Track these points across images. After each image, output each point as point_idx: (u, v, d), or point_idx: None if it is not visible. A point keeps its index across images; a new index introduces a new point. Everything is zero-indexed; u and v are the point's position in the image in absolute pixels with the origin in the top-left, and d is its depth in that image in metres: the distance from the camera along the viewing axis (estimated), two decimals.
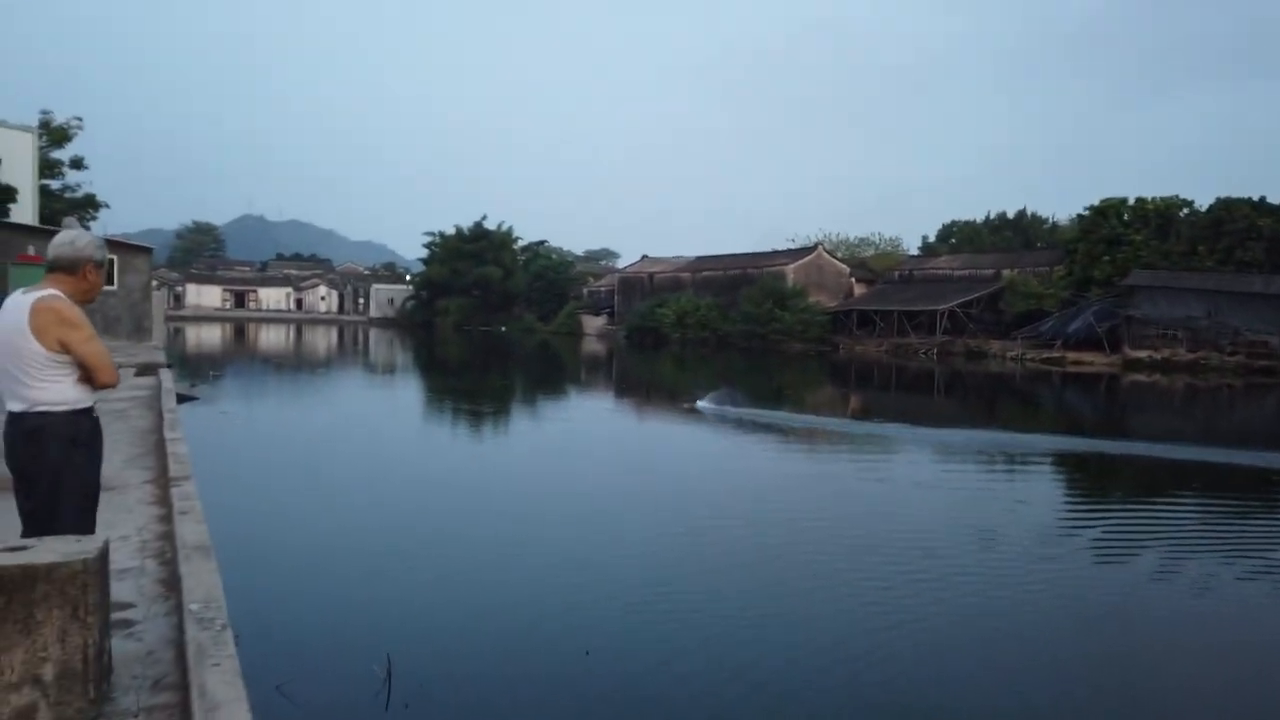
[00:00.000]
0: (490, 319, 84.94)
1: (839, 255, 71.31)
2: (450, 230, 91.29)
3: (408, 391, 31.58)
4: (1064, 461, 17.50)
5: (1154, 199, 50.70)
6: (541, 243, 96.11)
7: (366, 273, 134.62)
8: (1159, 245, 48.58)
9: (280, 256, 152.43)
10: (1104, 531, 11.56)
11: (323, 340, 63.72)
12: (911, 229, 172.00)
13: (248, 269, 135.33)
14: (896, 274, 67.22)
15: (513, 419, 23.44)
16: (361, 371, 39.44)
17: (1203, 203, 49.22)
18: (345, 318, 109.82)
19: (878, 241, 79.97)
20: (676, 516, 11.51)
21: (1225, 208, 46.60)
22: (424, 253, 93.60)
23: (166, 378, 15.50)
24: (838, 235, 79.83)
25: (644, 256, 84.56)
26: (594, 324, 79.16)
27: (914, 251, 79.69)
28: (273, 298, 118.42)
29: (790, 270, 64.32)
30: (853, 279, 67.33)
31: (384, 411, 24.17)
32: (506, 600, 7.92)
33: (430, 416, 23.67)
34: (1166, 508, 13.18)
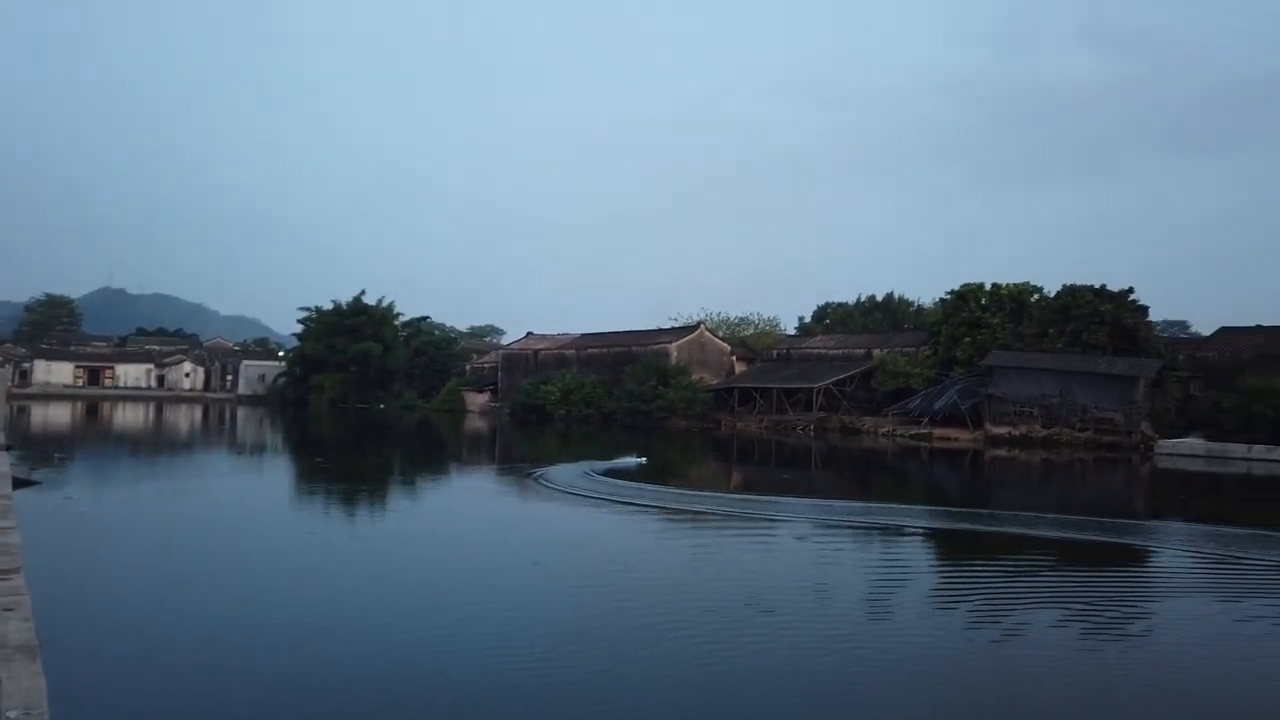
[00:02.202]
0: (368, 396, 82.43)
1: (720, 334, 73.09)
2: (328, 305, 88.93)
3: (274, 473, 30.03)
4: (923, 530, 18.12)
5: (1008, 285, 54.38)
6: (424, 318, 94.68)
7: (236, 348, 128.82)
8: (1014, 328, 51.93)
9: (142, 331, 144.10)
10: (944, 595, 11.96)
11: (185, 419, 60.21)
12: (788, 310, 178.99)
13: (104, 344, 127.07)
14: (775, 353, 69.31)
15: (384, 500, 22.55)
16: (225, 452, 37.36)
17: (1051, 289, 53.16)
18: (211, 395, 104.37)
19: (757, 321, 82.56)
20: (533, 592, 11.27)
21: (1071, 294, 50.38)
22: (299, 328, 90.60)
23: (3, 461, 14.21)
24: (719, 314, 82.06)
25: (529, 333, 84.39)
26: (477, 401, 77.92)
27: (791, 331, 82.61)
28: (132, 374, 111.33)
29: (673, 348, 65.40)
30: (733, 357, 68.98)
31: (245, 495, 22.84)
32: (357, 693, 7.47)
33: (296, 500, 22.51)
34: (1000, 570, 13.85)
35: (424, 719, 7.33)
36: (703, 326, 70.27)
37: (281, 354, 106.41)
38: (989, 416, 48.69)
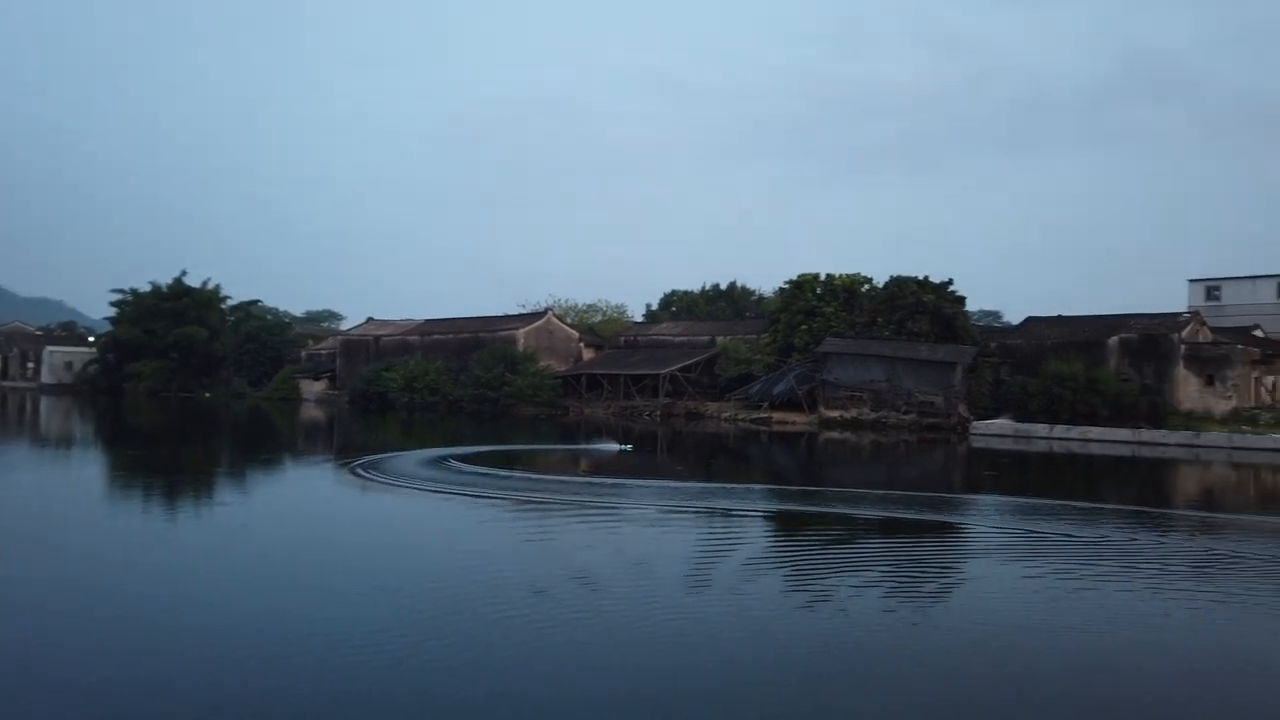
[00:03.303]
0: (192, 384, 77.14)
1: (568, 321, 72.99)
2: (146, 287, 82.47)
3: (81, 468, 27.54)
4: (757, 507, 18.79)
5: (841, 276, 57.06)
6: (254, 302, 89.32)
7: (39, 333, 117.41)
8: (846, 316, 54.60)
9: None
10: (764, 566, 12.48)
11: None
12: (636, 297, 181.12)
13: None
14: (623, 340, 69.93)
15: (198, 497, 21.13)
16: (26, 446, 33.96)
17: (881, 280, 56.18)
18: (10, 384, 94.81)
19: (605, 308, 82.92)
20: (353, 582, 10.87)
21: (897, 285, 53.46)
22: (113, 311, 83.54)
23: None
24: (567, 301, 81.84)
25: (369, 319, 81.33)
26: (313, 389, 74.42)
27: (638, 318, 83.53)
28: None
29: (521, 335, 64.76)
30: (582, 344, 69.06)
31: (42, 494, 20.81)
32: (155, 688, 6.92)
33: (103, 496, 20.73)
34: (820, 541, 14.59)
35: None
36: (551, 313, 69.94)
37: (92, 339, 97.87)
38: (823, 401, 51.04)
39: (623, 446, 30.42)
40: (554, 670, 8.08)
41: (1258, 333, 53.41)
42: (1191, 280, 61.17)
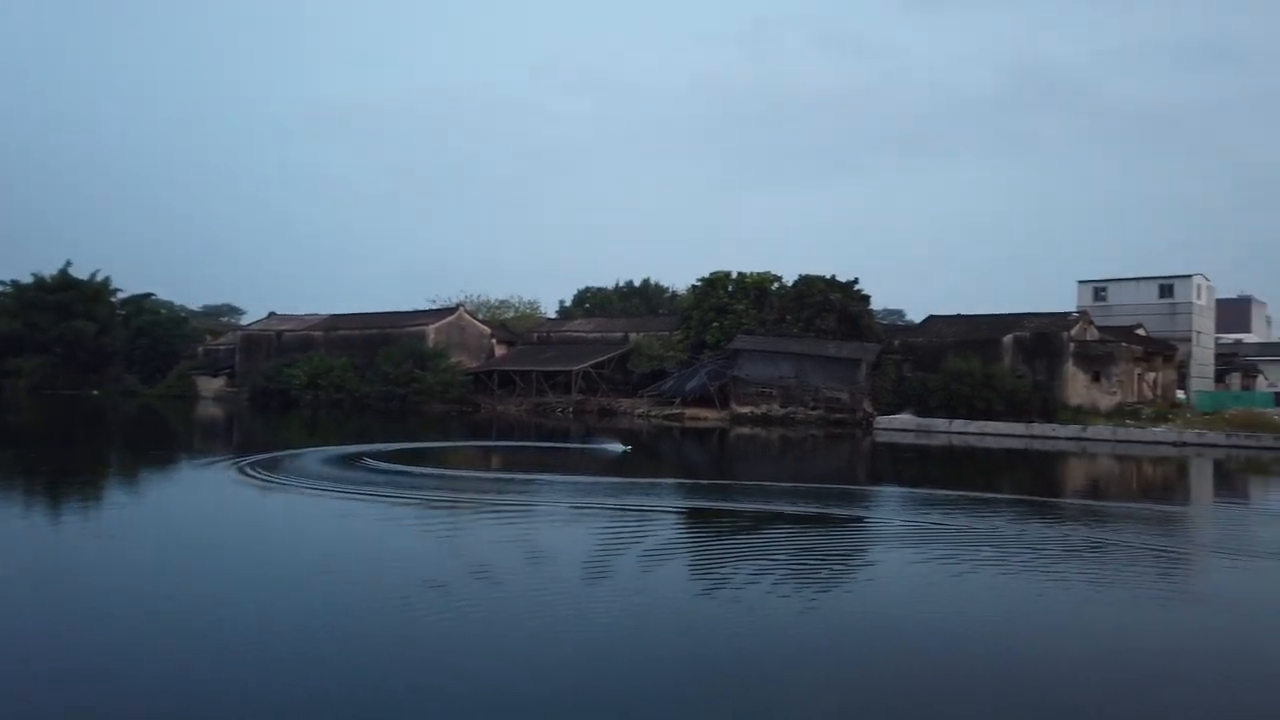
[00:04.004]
0: (78, 381, 73.17)
1: (480, 316, 72.03)
2: (27, 279, 77.84)
3: None
4: (665, 502, 18.83)
5: (752, 274, 57.88)
6: (147, 295, 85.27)
7: None
8: (757, 314, 55.41)
9: None
10: (665, 556, 12.53)
11: None
12: (549, 293, 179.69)
13: None
14: (535, 336, 69.41)
15: (87, 499, 19.99)
16: None
17: (790, 278, 57.21)
18: None
19: (517, 304, 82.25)
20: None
21: (806, 283, 54.54)
22: None
23: None
24: (479, 297, 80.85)
25: (271, 314, 78.58)
26: (211, 386, 71.52)
27: (552, 314, 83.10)
28: None
29: (431, 330, 63.58)
30: (494, 340, 68.25)
31: None
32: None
33: None
34: (721, 532, 14.74)
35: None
36: (462, 309, 68.89)
37: None
38: (735, 397, 51.68)
39: (625, 448, 30.02)
40: (446, 663, 7.87)
41: (1140, 331, 56.48)
42: (1080, 281, 64.25)
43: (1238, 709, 7.64)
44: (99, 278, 79.97)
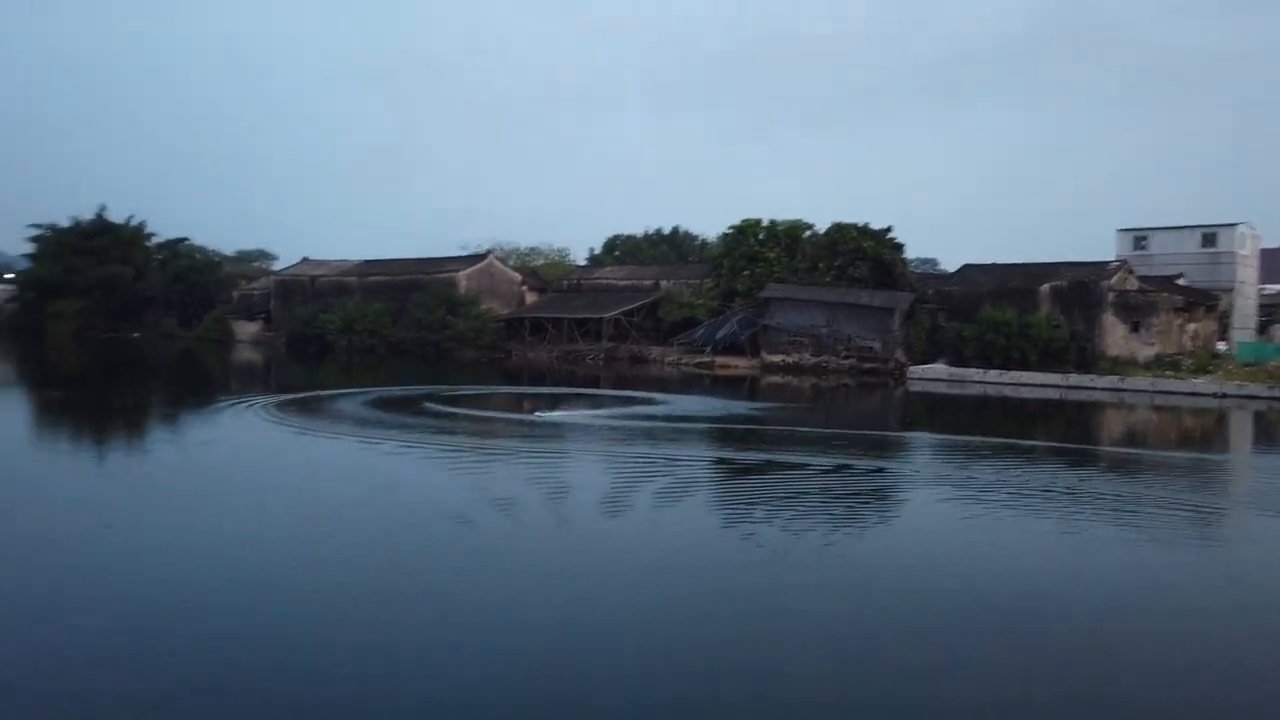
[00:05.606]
0: (118, 325, 74.49)
1: (511, 264, 72.09)
2: (66, 223, 78.82)
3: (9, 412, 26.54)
4: (699, 448, 19.06)
5: (784, 222, 57.25)
6: (182, 240, 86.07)
7: None
8: (789, 262, 54.95)
9: None
10: (685, 496, 12.75)
11: None
12: (579, 241, 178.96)
13: None
14: (565, 283, 69.41)
15: (137, 441, 20.59)
16: None
17: (822, 226, 56.52)
18: None
19: (548, 251, 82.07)
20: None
21: (838, 231, 53.90)
22: (29, 248, 79.79)
23: None
24: (509, 244, 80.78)
25: (305, 259, 79.10)
26: (247, 330, 72.56)
27: (582, 262, 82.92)
28: None
29: (462, 277, 63.80)
30: (524, 287, 68.37)
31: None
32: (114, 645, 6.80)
33: (31, 440, 20.03)
34: (748, 474, 14.93)
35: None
36: (492, 256, 68.97)
37: (9, 276, 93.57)
38: (765, 345, 51.60)
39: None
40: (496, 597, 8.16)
41: (1181, 281, 55.39)
42: (1120, 230, 62.89)
43: (1265, 659, 7.73)
44: (133, 222, 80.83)
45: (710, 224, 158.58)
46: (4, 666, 6.42)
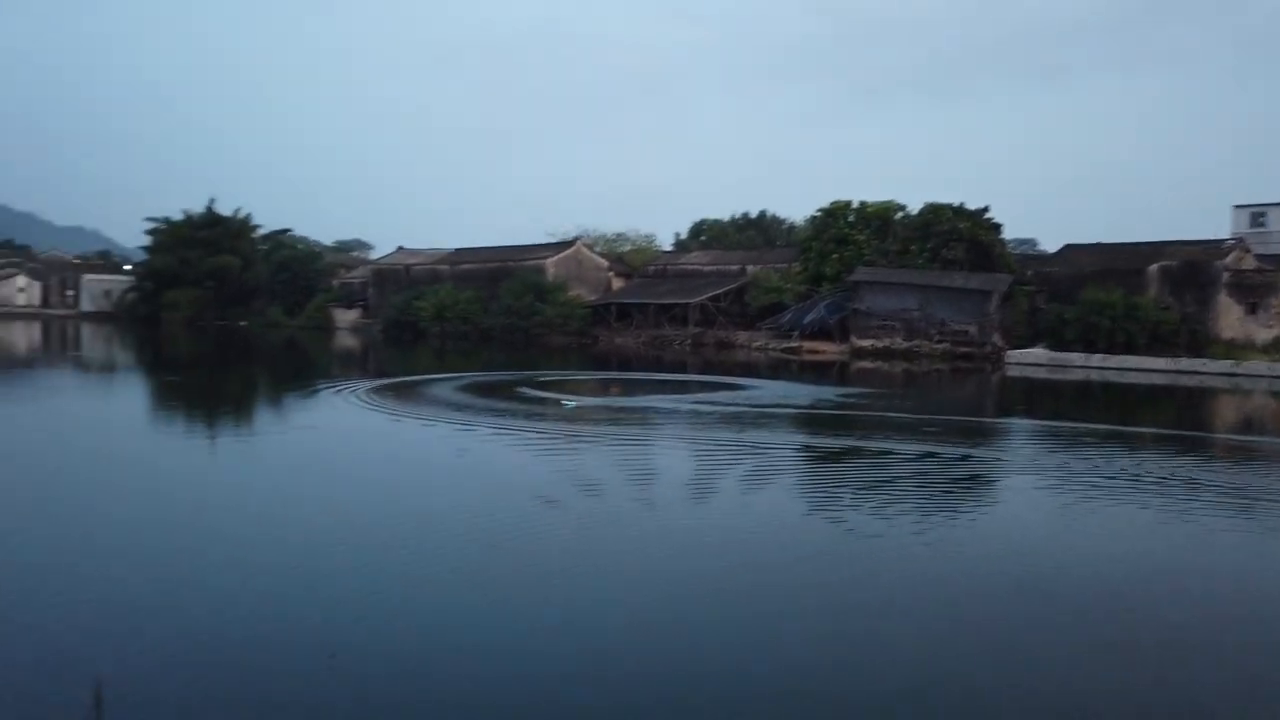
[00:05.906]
0: (228, 313, 78.20)
1: (597, 250, 72.69)
2: (177, 215, 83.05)
3: (126, 395, 28.28)
4: (792, 437, 18.94)
5: (874, 203, 56.08)
6: (285, 231, 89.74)
7: (76, 261, 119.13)
8: (879, 245, 53.82)
9: None
10: (778, 482, 12.69)
11: (22, 337, 55.64)
12: (665, 226, 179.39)
13: None
14: (652, 269, 69.62)
15: (248, 424, 21.70)
16: (72, 372, 34.85)
17: (914, 207, 55.13)
18: (51, 311, 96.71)
19: (633, 237, 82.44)
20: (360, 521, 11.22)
21: (932, 212, 52.50)
22: (146, 240, 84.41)
23: None
24: (595, 230, 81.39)
25: (399, 248, 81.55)
26: (346, 317, 75.26)
27: (668, 248, 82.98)
28: None
29: (550, 264, 64.68)
30: (611, 273, 68.88)
31: (95, 417, 21.46)
32: (226, 618, 7.25)
33: (152, 423, 21.33)
34: (844, 459, 14.74)
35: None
36: (580, 242, 69.65)
37: (127, 267, 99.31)
38: (855, 330, 50.77)
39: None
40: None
41: None
42: (1236, 206, 59.32)
43: None
44: (240, 214, 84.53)
45: (797, 207, 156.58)
46: (167, 642, 6.92)
